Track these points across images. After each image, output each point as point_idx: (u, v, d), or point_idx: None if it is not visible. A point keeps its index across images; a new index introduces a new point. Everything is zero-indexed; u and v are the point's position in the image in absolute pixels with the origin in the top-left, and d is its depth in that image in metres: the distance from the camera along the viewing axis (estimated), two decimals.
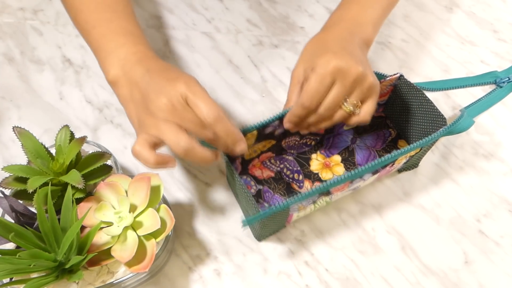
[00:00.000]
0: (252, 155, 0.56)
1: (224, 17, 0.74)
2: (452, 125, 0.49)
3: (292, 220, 0.53)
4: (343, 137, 0.60)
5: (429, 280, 0.52)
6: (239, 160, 0.55)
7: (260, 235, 0.53)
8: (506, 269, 0.52)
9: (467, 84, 0.66)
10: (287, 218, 0.51)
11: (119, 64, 0.47)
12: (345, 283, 0.51)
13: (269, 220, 0.48)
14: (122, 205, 0.46)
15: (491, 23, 0.73)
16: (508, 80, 0.65)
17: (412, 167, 0.59)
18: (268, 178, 0.57)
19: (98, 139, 0.61)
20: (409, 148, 0.47)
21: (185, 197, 0.57)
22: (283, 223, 0.53)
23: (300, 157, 0.58)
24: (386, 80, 0.53)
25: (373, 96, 0.49)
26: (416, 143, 0.47)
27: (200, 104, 0.42)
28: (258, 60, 0.69)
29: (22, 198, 0.47)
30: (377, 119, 0.61)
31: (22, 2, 0.75)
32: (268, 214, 0.44)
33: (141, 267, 0.45)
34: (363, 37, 0.52)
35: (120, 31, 0.50)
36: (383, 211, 0.56)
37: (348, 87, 0.46)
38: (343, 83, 0.46)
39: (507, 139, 0.62)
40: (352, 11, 0.53)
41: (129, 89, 0.46)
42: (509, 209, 0.56)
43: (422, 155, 0.55)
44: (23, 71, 0.67)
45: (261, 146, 0.54)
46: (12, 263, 0.41)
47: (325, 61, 0.46)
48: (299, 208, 0.49)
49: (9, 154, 0.60)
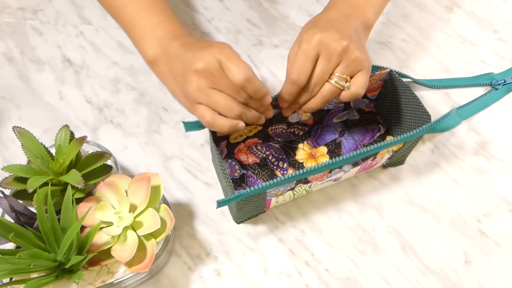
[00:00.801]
0: (237, 139, 0.56)
1: (224, 17, 0.74)
2: (435, 123, 0.48)
3: (272, 206, 0.54)
4: (331, 129, 0.60)
5: (429, 280, 0.52)
6: (224, 143, 0.55)
7: (237, 217, 0.53)
8: (506, 269, 0.52)
9: (463, 84, 0.66)
10: (265, 203, 0.51)
11: (157, 43, 0.48)
12: (345, 283, 0.51)
13: (245, 203, 0.48)
14: (122, 205, 0.46)
15: (491, 23, 0.73)
16: (504, 82, 0.65)
17: (397, 163, 0.59)
18: (253, 163, 0.58)
19: (98, 139, 0.61)
20: (389, 142, 0.47)
21: (185, 197, 0.57)
22: (262, 208, 0.53)
23: (287, 146, 0.59)
24: (376, 75, 0.53)
25: (362, 70, 0.48)
26: (397, 137, 0.47)
27: (231, 66, 0.43)
28: (258, 60, 0.69)
29: (22, 198, 0.47)
30: (367, 114, 0.61)
31: (22, 2, 0.75)
32: (243, 196, 0.44)
33: (141, 267, 0.45)
34: (361, 20, 0.51)
35: (152, 9, 0.50)
36: (383, 211, 0.56)
37: (333, 60, 0.46)
38: (327, 57, 0.46)
39: (507, 139, 0.62)
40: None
41: (168, 66, 0.47)
42: (509, 209, 0.56)
43: (407, 151, 0.55)
44: (23, 71, 0.67)
45: (247, 131, 0.55)
46: (12, 263, 0.41)
47: (309, 35, 0.46)
48: (276, 193, 0.49)
49: (9, 154, 0.60)
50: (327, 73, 0.47)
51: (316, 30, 0.47)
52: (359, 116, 0.61)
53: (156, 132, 0.62)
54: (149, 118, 0.63)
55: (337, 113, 0.60)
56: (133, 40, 0.51)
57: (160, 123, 0.63)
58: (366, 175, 0.58)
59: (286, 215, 0.56)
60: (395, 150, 0.52)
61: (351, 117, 0.61)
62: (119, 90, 0.66)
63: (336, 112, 0.60)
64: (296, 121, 0.57)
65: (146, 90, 0.65)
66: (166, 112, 0.64)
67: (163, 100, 0.64)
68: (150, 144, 0.61)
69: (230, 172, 0.57)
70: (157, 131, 0.62)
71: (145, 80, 0.66)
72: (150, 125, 0.63)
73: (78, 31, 0.72)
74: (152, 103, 0.64)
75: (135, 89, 0.66)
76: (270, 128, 0.57)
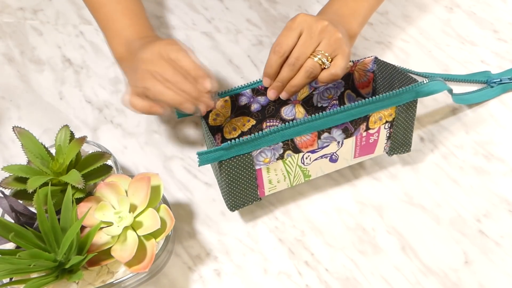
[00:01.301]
0: (232, 134, 0.56)
1: (224, 17, 0.74)
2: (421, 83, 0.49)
3: (267, 191, 0.52)
4: None
5: (429, 280, 0.52)
6: (218, 136, 0.56)
7: (230, 199, 0.51)
8: (506, 269, 0.52)
9: (459, 79, 0.66)
10: (256, 178, 0.50)
11: (125, 43, 0.53)
12: (345, 283, 0.51)
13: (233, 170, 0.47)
14: (122, 205, 0.46)
15: (491, 23, 0.73)
16: (499, 81, 0.65)
17: (402, 149, 0.56)
18: None
19: (98, 139, 0.61)
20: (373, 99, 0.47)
21: (185, 197, 0.57)
22: (255, 190, 0.51)
23: None
24: (361, 63, 0.53)
25: (342, 54, 0.50)
26: (381, 95, 0.47)
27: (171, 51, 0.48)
28: (258, 60, 0.69)
29: (22, 198, 0.47)
30: None
31: (22, 2, 0.75)
32: (224, 148, 0.44)
33: (141, 267, 0.45)
34: (346, 28, 0.54)
35: (126, 12, 0.55)
36: (383, 211, 0.56)
37: (315, 37, 0.49)
38: (310, 33, 0.49)
39: (507, 139, 0.62)
40: (335, 5, 0.57)
41: (130, 62, 0.52)
42: (509, 209, 0.56)
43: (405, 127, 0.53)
44: (23, 71, 0.67)
45: (240, 124, 0.55)
46: (12, 263, 0.41)
47: (294, 17, 0.51)
48: (264, 160, 0.48)
49: (9, 154, 0.60)
50: (309, 48, 0.49)
51: (301, 13, 0.51)
52: None
53: (156, 132, 0.62)
54: (149, 118, 0.63)
55: None
56: (106, 38, 0.56)
57: (160, 123, 0.63)
58: (366, 175, 0.58)
59: (286, 215, 0.56)
60: (389, 120, 0.51)
61: None
62: (119, 90, 0.66)
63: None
64: (290, 118, 0.57)
65: None
66: None
67: None
68: (150, 144, 0.61)
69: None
70: (157, 131, 0.62)
71: None
72: (150, 125, 0.63)
73: (78, 31, 0.72)
74: None
75: None
76: (264, 124, 0.57)
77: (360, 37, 0.73)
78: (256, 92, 0.55)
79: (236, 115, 0.55)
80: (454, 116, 0.64)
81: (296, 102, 0.57)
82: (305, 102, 0.58)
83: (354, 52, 0.71)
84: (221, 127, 0.56)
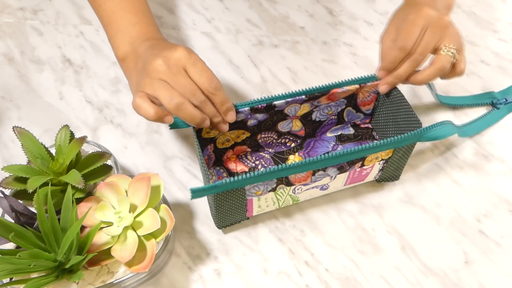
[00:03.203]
0: (225, 144, 0.55)
1: (224, 17, 0.74)
2: (424, 130, 0.48)
3: (255, 212, 0.52)
4: (325, 143, 0.59)
5: (429, 280, 0.52)
6: (211, 147, 0.54)
7: (218, 219, 0.51)
8: (506, 269, 0.52)
9: (464, 103, 0.64)
10: (246, 203, 0.50)
11: (130, 41, 0.50)
12: (345, 283, 0.51)
13: (223, 199, 0.47)
14: (122, 205, 0.46)
15: (491, 23, 0.73)
16: (505, 101, 0.64)
17: (392, 179, 0.57)
18: (241, 172, 0.57)
19: (98, 139, 0.61)
20: (374, 145, 0.46)
21: (185, 197, 0.57)
22: (244, 212, 0.51)
23: (277, 157, 0.58)
24: (368, 86, 0.53)
25: (463, 48, 0.51)
26: (383, 141, 0.47)
27: (205, 72, 0.46)
28: (258, 60, 0.69)
29: (22, 198, 0.47)
30: (363, 130, 0.60)
31: (22, 2, 0.75)
32: (219, 187, 0.43)
33: (141, 267, 0.45)
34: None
35: (132, 9, 0.52)
36: (383, 211, 0.56)
37: (439, 32, 0.49)
38: (434, 28, 0.49)
39: (507, 139, 0.62)
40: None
41: (134, 62, 0.49)
42: (509, 209, 0.56)
43: (399, 163, 0.54)
44: (23, 71, 0.67)
45: (234, 136, 0.54)
46: (12, 263, 0.41)
47: (417, 8, 0.50)
48: (256, 193, 0.48)
49: (9, 154, 0.60)
50: (433, 43, 0.50)
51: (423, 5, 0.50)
52: (354, 131, 0.60)
53: (156, 132, 0.62)
54: None
55: (330, 126, 0.59)
56: (108, 35, 0.52)
57: (160, 123, 0.63)
58: None
59: (286, 215, 0.56)
60: (384, 158, 0.51)
61: (346, 132, 0.60)
62: (119, 90, 0.66)
63: (329, 125, 0.59)
64: (286, 130, 0.56)
65: None
66: None
67: None
68: (150, 144, 0.61)
69: (218, 179, 0.55)
70: (157, 131, 0.62)
71: None
72: (150, 125, 0.63)
73: (78, 31, 0.72)
74: None
75: None
76: (259, 136, 0.56)
77: (360, 37, 0.73)
78: (255, 110, 0.51)
79: (231, 129, 0.53)
80: (454, 116, 0.64)
81: (294, 118, 0.56)
82: (303, 117, 0.56)
83: (354, 52, 0.71)
84: (214, 139, 0.55)
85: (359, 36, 0.73)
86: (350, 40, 0.72)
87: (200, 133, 0.52)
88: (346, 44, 0.72)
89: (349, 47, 0.71)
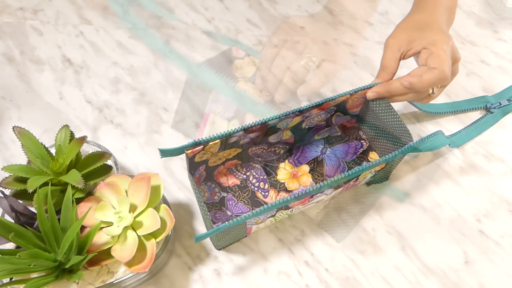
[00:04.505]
0: (216, 163, 0.54)
1: (224, 17, 0.74)
2: (418, 142, 0.48)
3: (253, 231, 0.53)
4: (313, 147, 0.59)
5: (429, 280, 0.52)
6: (203, 167, 0.53)
7: (218, 245, 0.52)
8: (507, 269, 0.52)
9: (458, 109, 0.64)
10: (245, 230, 0.51)
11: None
12: (345, 283, 0.51)
13: (225, 233, 0.48)
14: (122, 205, 0.46)
15: (491, 23, 0.73)
16: (499, 105, 0.63)
17: (381, 180, 0.58)
18: (233, 185, 0.56)
19: (98, 139, 0.61)
20: (371, 164, 0.47)
21: (185, 197, 0.57)
22: (243, 235, 0.52)
23: (268, 166, 0.58)
24: (358, 93, 0.53)
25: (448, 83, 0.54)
26: (378, 160, 0.47)
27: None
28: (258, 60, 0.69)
29: (22, 198, 0.47)
30: (349, 130, 0.60)
31: (22, 2, 0.75)
32: (222, 229, 0.43)
33: (141, 267, 0.45)
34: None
35: None
36: (383, 211, 0.56)
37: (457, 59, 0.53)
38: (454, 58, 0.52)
39: (507, 139, 0.62)
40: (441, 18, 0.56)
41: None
42: (509, 209, 0.56)
43: (390, 169, 0.55)
44: (23, 71, 0.67)
45: (226, 154, 0.53)
46: (12, 263, 0.41)
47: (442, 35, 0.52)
48: (257, 222, 0.49)
49: (9, 154, 0.60)
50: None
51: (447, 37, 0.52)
52: (341, 132, 0.60)
53: (156, 132, 0.62)
54: (149, 118, 0.63)
55: (319, 131, 0.59)
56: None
57: (160, 123, 0.63)
58: None
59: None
60: (377, 170, 0.51)
61: (333, 133, 0.60)
62: (119, 90, 0.66)
63: (318, 129, 0.59)
64: (276, 141, 0.56)
65: (146, 90, 0.65)
66: (166, 112, 0.64)
67: (163, 100, 0.64)
68: (150, 144, 0.61)
69: (210, 195, 0.55)
70: (157, 131, 0.62)
71: (145, 80, 0.66)
72: (150, 125, 0.63)
73: (78, 31, 0.72)
74: (152, 103, 0.64)
75: (135, 89, 0.66)
76: (250, 150, 0.56)
77: (360, 37, 0.73)
78: (249, 131, 0.50)
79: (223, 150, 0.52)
80: (453, 116, 0.64)
81: (285, 129, 0.55)
82: (293, 127, 0.56)
83: (354, 52, 0.71)
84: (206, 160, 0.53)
85: (359, 36, 0.73)
86: (350, 40, 0.72)
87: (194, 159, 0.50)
88: (346, 44, 0.72)
89: (349, 47, 0.71)
